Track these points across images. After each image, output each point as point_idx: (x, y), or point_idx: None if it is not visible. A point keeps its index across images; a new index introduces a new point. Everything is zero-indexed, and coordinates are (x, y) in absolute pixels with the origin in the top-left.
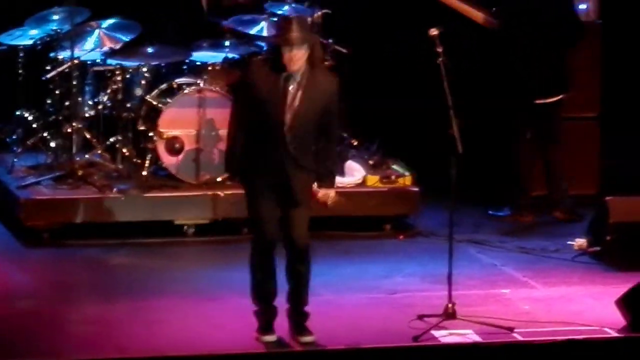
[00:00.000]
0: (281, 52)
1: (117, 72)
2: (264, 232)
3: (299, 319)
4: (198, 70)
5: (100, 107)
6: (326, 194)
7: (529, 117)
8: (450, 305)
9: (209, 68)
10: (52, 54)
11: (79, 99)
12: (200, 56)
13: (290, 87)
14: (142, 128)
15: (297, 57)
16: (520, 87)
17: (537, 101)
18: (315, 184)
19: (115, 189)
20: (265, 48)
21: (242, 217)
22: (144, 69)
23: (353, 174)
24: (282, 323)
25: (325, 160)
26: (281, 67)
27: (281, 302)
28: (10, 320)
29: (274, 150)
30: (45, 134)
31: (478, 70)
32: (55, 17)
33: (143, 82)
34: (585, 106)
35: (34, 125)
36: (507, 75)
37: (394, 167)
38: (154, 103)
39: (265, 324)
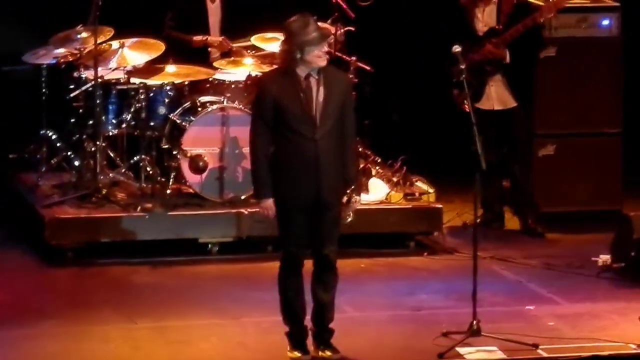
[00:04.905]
0: (302, 52)
1: (141, 91)
2: (294, 246)
3: (325, 335)
4: (221, 88)
5: (123, 125)
6: (349, 205)
7: None
8: (475, 322)
9: (232, 86)
10: (75, 73)
11: (103, 117)
12: (223, 74)
13: (313, 84)
14: (165, 146)
15: (324, 52)
16: None
17: None
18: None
19: (139, 208)
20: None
21: (266, 235)
22: (167, 87)
23: (377, 191)
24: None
25: (347, 164)
26: (295, 68)
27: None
28: (34, 339)
29: (307, 149)
30: (69, 153)
31: None
32: (79, 35)
33: (166, 100)
34: (607, 122)
35: (58, 144)
36: None
37: (418, 184)
38: (178, 121)
39: (299, 343)
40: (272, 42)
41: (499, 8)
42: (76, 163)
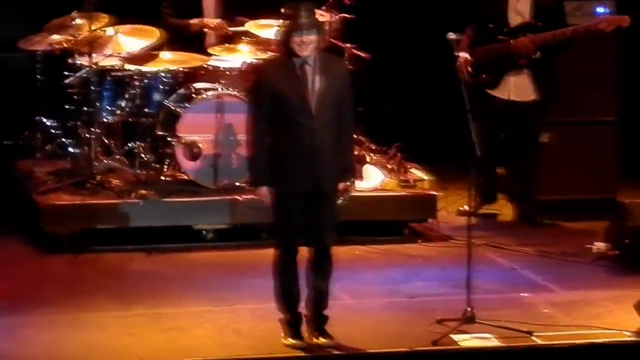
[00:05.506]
0: (291, 40)
1: (136, 78)
2: (290, 235)
3: (319, 322)
4: (216, 75)
5: (118, 112)
6: (344, 193)
7: None
8: (469, 309)
9: (227, 73)
10: (70, 60)
11: (98, 104)
12: (218, 61)
13: (308, 73)
14: (160, 133)
15: (308, 42)
16: None
17: None
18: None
19: (134, 195)
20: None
21: (261, 222)
22: (162, 74)
23: (372, 178)
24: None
25: (343, 154)
26: (293, 56)
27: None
28: (30, 326)
29: (305, 139)
30: (64, 140)
31: None
32: (74, 22)
33: (161, 87)
34: (602, 110)
35: (53, 131)
36: None
37: (413, 171)
38: (173, 108)
39: (293, 329)
40: (266, 29)
41: (536, 2)
42: (71, 150)
